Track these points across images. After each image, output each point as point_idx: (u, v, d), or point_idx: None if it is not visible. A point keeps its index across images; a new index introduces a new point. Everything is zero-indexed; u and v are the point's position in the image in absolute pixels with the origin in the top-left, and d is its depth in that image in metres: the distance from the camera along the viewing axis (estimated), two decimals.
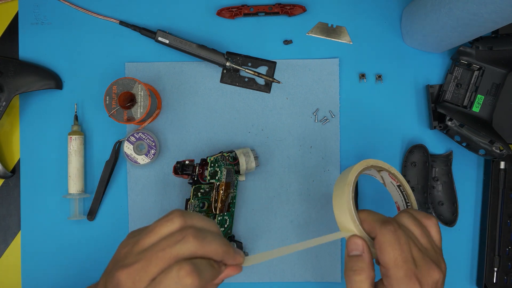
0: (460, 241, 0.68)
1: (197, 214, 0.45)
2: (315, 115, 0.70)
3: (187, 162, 0.65)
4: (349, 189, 0.49)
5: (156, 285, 0.40)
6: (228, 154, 0.65)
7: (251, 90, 0.70)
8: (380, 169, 0.55)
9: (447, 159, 0.68)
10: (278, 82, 0.69)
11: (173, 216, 0.43)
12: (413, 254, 0.46)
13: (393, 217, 0.49)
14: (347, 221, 0.49)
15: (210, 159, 0.64)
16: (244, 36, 0.71)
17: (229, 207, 0.66)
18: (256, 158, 0.67)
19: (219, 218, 0.65)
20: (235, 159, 0.66)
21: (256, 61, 0.70)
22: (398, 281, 0.45)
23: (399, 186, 0.56)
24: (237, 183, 0.67)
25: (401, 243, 0.45)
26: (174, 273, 0.40)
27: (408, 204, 0.56)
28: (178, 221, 0.43)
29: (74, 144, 0.68)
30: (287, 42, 0.70)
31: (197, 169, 0.64)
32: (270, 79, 0.68)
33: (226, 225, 0.66)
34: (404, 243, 0.45)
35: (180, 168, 0.64)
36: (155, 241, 0.42)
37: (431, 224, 0.49)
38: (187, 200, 0.64)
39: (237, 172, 0.66)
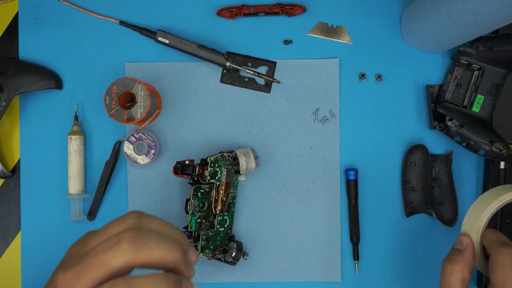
0: None
1: (158, 219, 0.38)
2: (315, 115, 0.70)
3: (187, 162, 0.65)
4: (495, 205, 0.50)
5: None
6: (228, 154, 0.65)
7: (251, 90, 0.70)
8: None
9: (447, 159, 0.68)
10: (278, 82, 0.69)
11: (128, 216, 0.37)
12: None
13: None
14: (472, 225, 0.51)
15: (210, 159, 0.64)
16: (244, 36, 0.71)
17: (229, 207, 0.66)
18: (256, 158, 0.67)
19: (219, 218, 0.65)
20: (235, 159, 0.66)
21: (256, 61, 0.70)
22: None
23: None
24: (237, 183, 0.67)
25: None
26: None
27: None
28: (131, 222, 0.36)
29: (74, 144, 0.68)
30: (287, 42, 0.70)
31: (197, 169, 0.64)
32: (270, 79, 0.68)
33: (226, 225, 0.66)
34: None
35: (180, 168, 0.64)
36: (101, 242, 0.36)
37: None
38: (187, 200, 0.64)
39: (237, 172, 0.66)
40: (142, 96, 0.63)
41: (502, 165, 0.67)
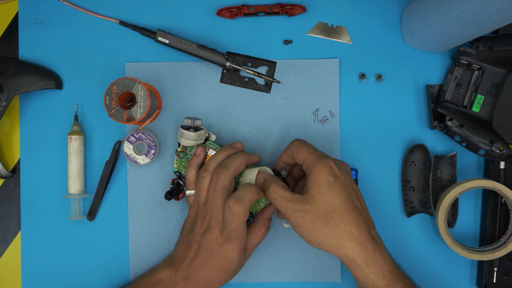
0: (460, 241, 0.68)
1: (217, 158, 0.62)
2: (315, 115, 0.70)
3: (171, 186, 0.66)
4: (457, 191, 0.65)
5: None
6: None
7: (251, 90, 0.70)
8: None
9: (451, 160, 0.68)
10: (278, 82, 0.69)
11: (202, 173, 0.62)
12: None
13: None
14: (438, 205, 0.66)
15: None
16: (244, 36, 0.70)
17: None
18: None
19: None
20: None
21: (256, 61, 0.70)
22: (316, 161, 0.57)
23: None
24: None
25: (306, 144, 0.60)
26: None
27: None
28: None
29: (74, 144, 0.68)
30: (287, 42, 0.70)
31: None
32: (270, 79, 0.68)
33: None
34: (308, 144, 0.60)
35: (171, 195, 0.65)
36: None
37: None
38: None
39: None
40: (142, 96, 0.63)
41: (502, 165, 0.67)
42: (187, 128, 0.64)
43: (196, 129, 0.64)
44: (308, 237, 0.57)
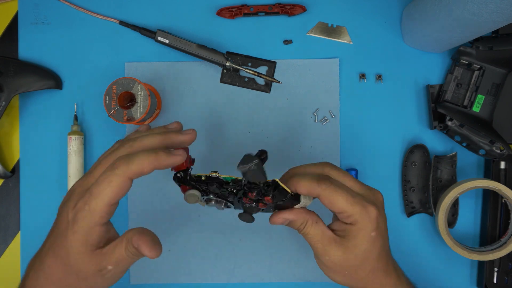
0: (460, 241, 0.68)
1: (134, 138, 0.53)
2: (315, 115, 0.70)
3: (203, 177, 0.54)
4: (457, 191, 0.65)
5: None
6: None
7: (251, 90, 0.70)
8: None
9: (451, 160, 0.68)
10: (278, 82, 0.69)
11: (114, 147, 0.55)
12: (355, 190, 0.52)
13: (315, 168, 0.54)
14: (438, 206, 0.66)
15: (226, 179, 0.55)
16: (244, 36, 0.70)
17: None
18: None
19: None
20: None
21: (256, 61, 0.70)
22: (359, 214, 0.50)
23: None
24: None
25: (342, 188, 0.50)
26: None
27: None
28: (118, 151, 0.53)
29: (74, 144, 0.68)
30: (287, 42, 0.70)
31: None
32: (270, 79, 0.68)
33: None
34: (343, 186, 0.51)
35: (187, 181, 0.55)
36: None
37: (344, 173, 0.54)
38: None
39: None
40: (142, 96, 0.63)
41: (503, 165, 0.67)
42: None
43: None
44: (328, 274, 0.55)
